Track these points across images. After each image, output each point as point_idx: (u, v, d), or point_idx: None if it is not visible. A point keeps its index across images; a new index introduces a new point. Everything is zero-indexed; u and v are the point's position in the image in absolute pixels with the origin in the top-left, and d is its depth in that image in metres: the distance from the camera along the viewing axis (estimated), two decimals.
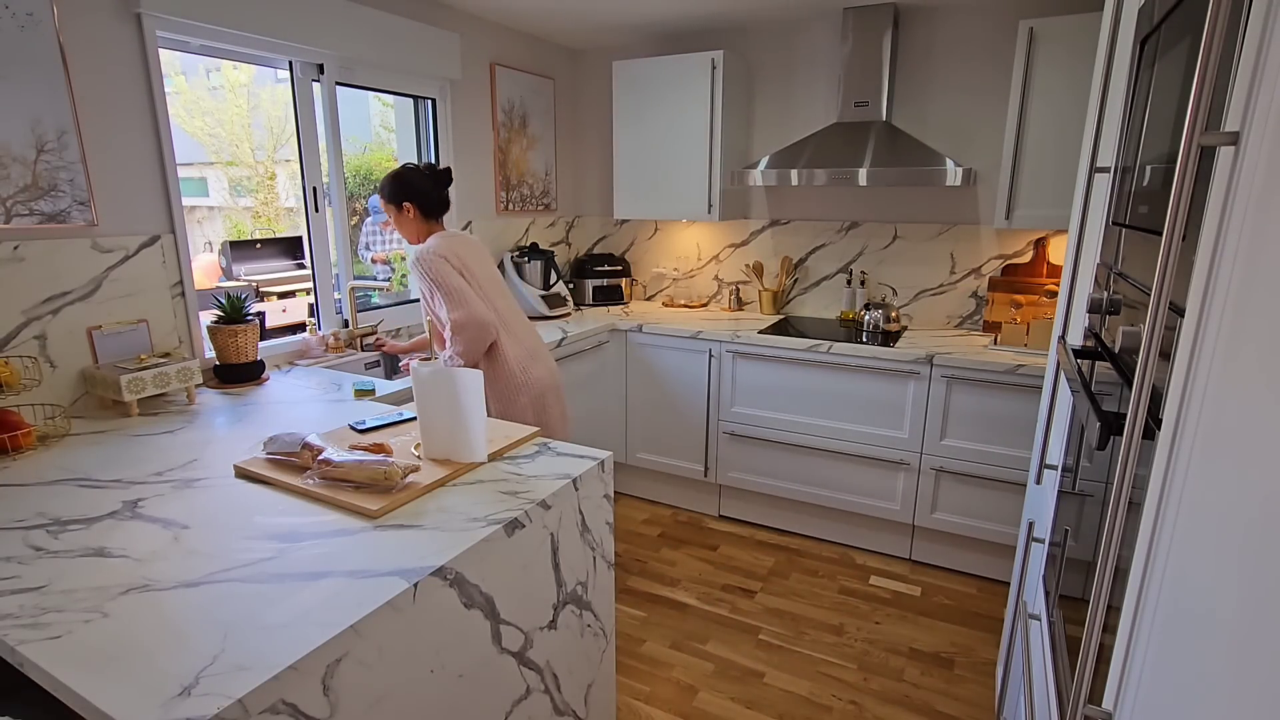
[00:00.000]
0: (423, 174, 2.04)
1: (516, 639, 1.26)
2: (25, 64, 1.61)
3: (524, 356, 2.07)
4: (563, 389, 2.22)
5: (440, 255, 1.94)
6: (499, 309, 2.06)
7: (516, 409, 2.04)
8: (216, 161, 6.54)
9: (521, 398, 2.05)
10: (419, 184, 2.02)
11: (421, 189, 2.02)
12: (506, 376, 2.04)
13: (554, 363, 2.20)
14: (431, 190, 2.04)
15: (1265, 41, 0.58)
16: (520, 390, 2.05)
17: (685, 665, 2.18)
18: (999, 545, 2.62)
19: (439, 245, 1.96)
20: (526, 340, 2.12)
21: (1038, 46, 2.40)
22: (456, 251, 1.98)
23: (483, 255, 2.11)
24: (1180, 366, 0.69)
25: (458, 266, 1.96)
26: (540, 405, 2.10)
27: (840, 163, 2.73)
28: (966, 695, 2.06)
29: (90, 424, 1.69)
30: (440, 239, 2.00)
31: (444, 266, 1.93)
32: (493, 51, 3.14)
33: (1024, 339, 2.55)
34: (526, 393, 2.06)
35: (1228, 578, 0.54)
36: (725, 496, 3.15)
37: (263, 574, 1.02)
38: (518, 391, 2.05)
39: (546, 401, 2.12)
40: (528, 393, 2.06)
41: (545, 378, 2.12)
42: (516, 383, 2.04)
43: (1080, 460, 1.24)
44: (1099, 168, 1.36)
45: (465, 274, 1.97)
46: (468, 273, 1.98)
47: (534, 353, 2.12)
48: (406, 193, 2.02)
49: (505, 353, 2.03)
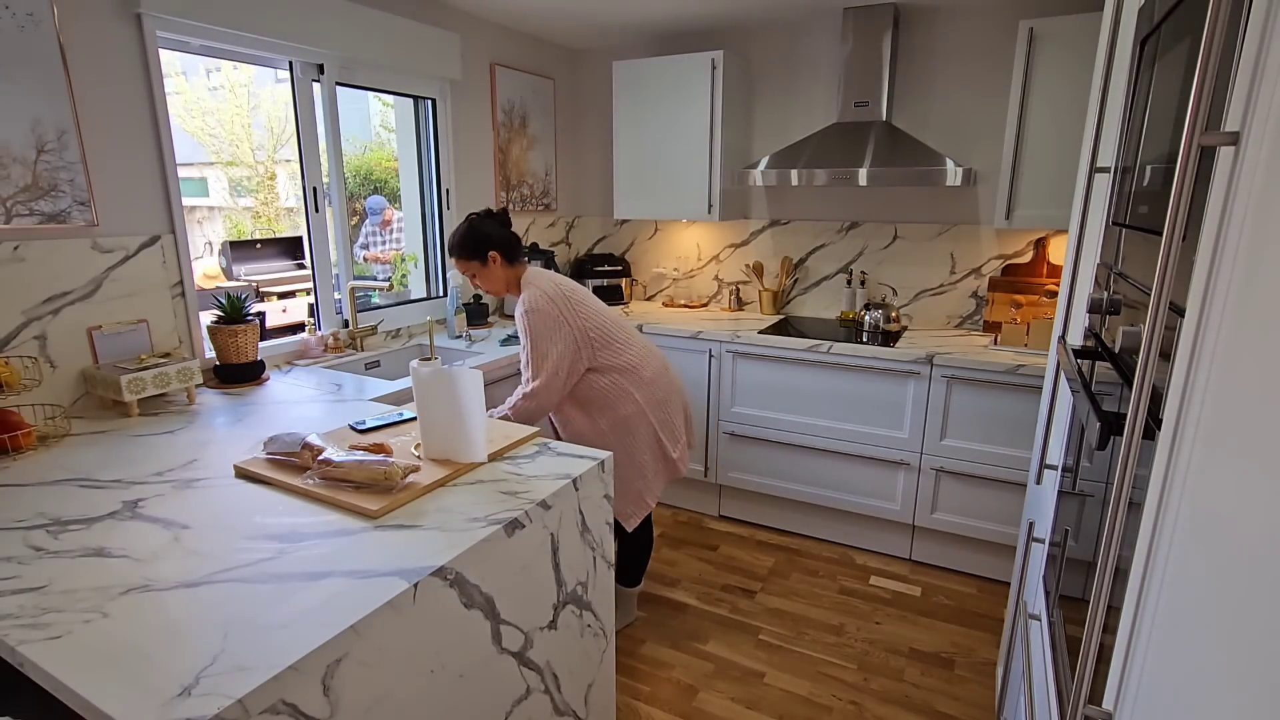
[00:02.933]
0: (495, 220, 2.03)
1: (516, 639, 1.26)
2: (25, 64, 1.61)
3: (654, 403, 2.06)
4: (686, 392, 2.24)
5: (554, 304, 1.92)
6: (632, 343, 2.05)
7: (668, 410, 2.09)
8: (216, 161, 6.54)
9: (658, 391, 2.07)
10: (495, 232, 2.00)
11: (500, 236, 2.00)
12: (662, 401, 2.07)
13: (671, 374, 2.16)
14: (509, 234, 2.03)
15: (1265, 41, 0.58)
16: (663, 404, 2.08)
17: (685, 665, 2.18)
18: (999, 545, 2.62)
19: (547, 293, 1.93)
20: (646, 372, 2.06)
21: (1038, 47, 2.40)
22: (568, 297, 1.96)
23: (578, 288, 2.06)
24: (1180, 366, 0.69)
25: (577, 323, 1.94)
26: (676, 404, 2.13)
27: (840, 163, 2.73)
28: (966, 695, 2.06)
29: (90, 424, 1.69)
30: (545, 282, 1.96)
31: (561, 327, 1.91)
32: (493, 51, 3.14)
33: (1024, 339, 2.55)
34: (669, 406, 2.09)
35: (1228, 578, 0.54)
36: (725, 496, 3.15)
37: (263, 574, 1.02)
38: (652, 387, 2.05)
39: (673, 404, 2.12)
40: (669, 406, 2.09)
41: (672, 382, 2.14)
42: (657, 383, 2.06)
43: (1080, 460, 1.23)
44: (1099, 168, 1.36)
45: (577, 318, 1.94)
46: (581, 315, 1.96)
47: (659, 369, 2.10)
48: (488, 243, 1.98)
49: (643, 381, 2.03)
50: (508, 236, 2.02)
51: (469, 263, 2.01)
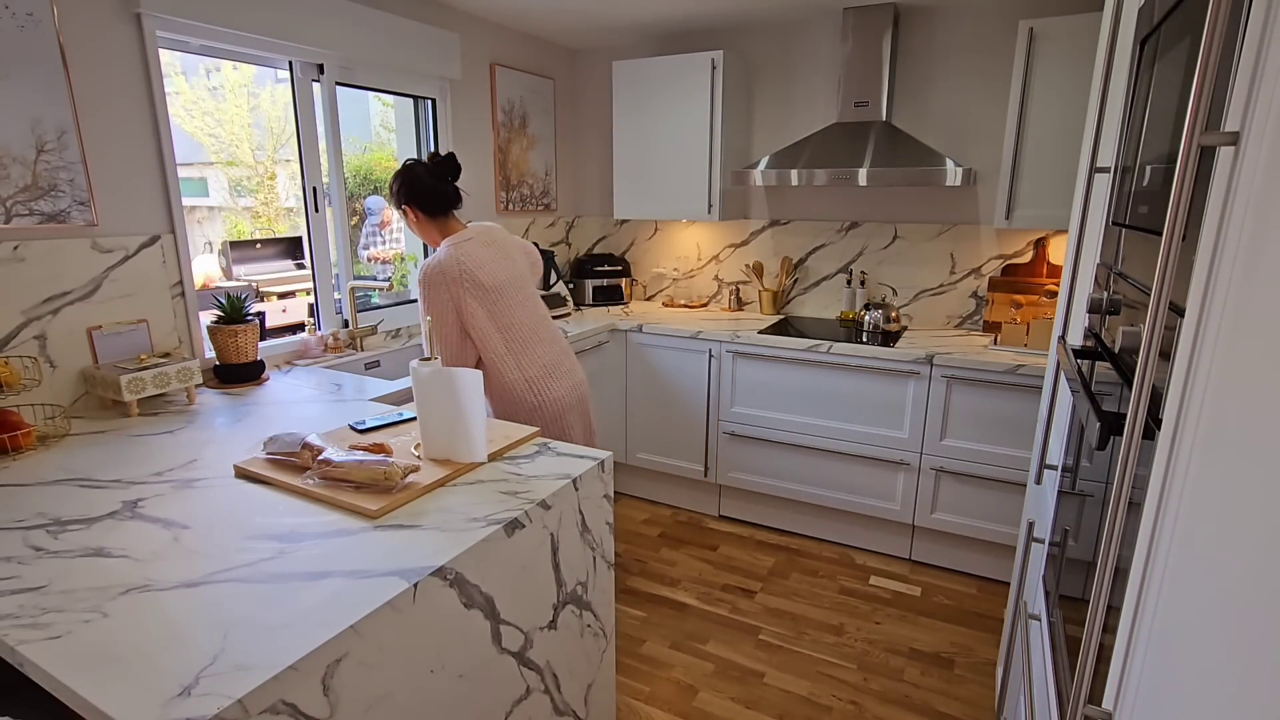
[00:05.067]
0: (424, 166, 1.85)
1: (516, 639, 1.26)
2: (25, 64, 1.61)
3: (539, 377, 1.89)
4: (588, 402, 2.06)
5: (440, 276, 1.76)
6: (516, 321, 1.87)
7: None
8: (216, 161, 6.54)
9: (536, 422, 1.89)
10: (418, 179, 1.84)
11: (420, 185, 1.83)
12: (515, 401, 1.87)
13: (580, 375, 2.02)
14: (432, 184, 1.84)
15: (1265, 41, 0.58)
16: (533, 414, 1.88)
17: (685, 665, 2.18)
18: (999, 545, 2.62)
19: (443, 263, 1.77)
20: (545, 357, 1.92)
21: (1038, 46, 2.40)
22: (463, 267, 1.77)
23: (500, 257, 1.89)
24: (1180, 366, 0.69)
25: (454, 294, 1.77)
26: (559, 427, 1.93)
27: (840, 163, 2.73)
28: (966, 695, 2.06)
29: (90, 424, 1.69)
30: (449, 249, 1.79)
31: (439, 295, 1.76)
32: (493, 51, 3.14)
33: (1024, 339, 2.55)
34: (540, 415, 1.89)
35: (1228, 578, 0.54)
36: (725, 496, 3.15)
37: (263, 574, 1.02)
38: (530, 415, 1.88)
39: (567, 422, 1.95)
40: (541, 415, 1.89)
41: (565, 396, 1.94)
42: (528, 406, 1.87)
43: (1080, 460, 1.23)
44: (1099, 168, 1.36)
45: (465, 296, 1.77)
46: (470, 292, 1.78)
47: (554, 370, 1.93)
48: (405, 192, 1.84)
49: (510, 378, 1.86)
50: (433, 189, 1.84)
51: (398, 210, 1.89)
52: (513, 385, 1.87)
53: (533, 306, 1.96)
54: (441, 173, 1.87)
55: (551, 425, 1.92)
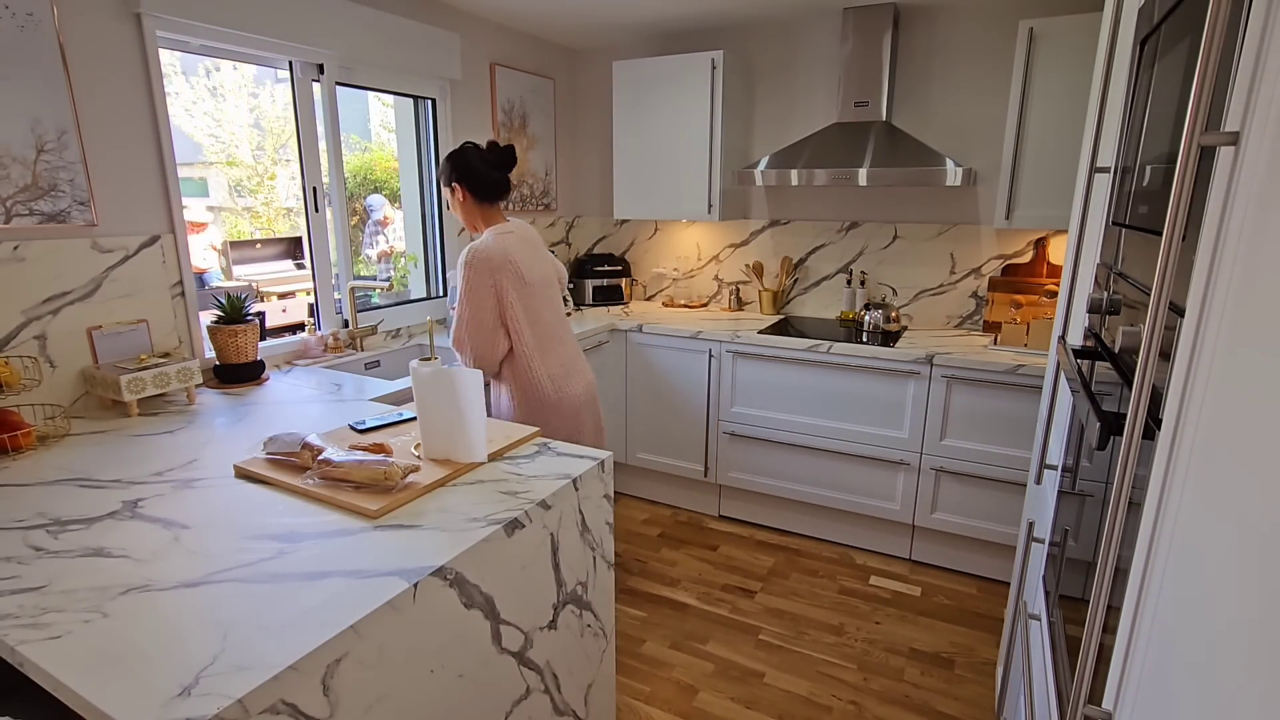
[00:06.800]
0: (480, 152, 1.90)
1: (516, 639, 1.26)
2: (25, 64, 1.61)
3: (560, 375, 1.96)
4: (598, 401, 2.13)
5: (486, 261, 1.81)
6: (543, 319, 1.94)
7: (549, 430, 1.95)
8: (216, 161, 6.54)
9: (554, 418, 1.95)
10: (473, 162, 1.88)
11: (474, 168, 1.88)
12: (539, 397, 1.93)
13: (591, 375, 2.10)
14: (485, 170, 1.88)
15: (1265, 41, 0.58)
16: (553, 410, 1.95)
17: (685, 665, 2.18)
18: (999, 545, 2.62)
19: (490, 248, 1.83)
20: (564, 355, 2.00)
21: (1038, 47, 2.40)
22: (509, 256, 1.84)
23: (536, 256, 1.96)
24: (1180, 366, 0.69)
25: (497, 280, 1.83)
26: (575, 424, 2.00)
27: (840, 163, 2.73)
28: (966, 695, 2.06)
29: (90, 424, 1.69)
30: (495, 237, 1.86)
31: (483, 278, 1.82)
32: (493, 51, 3.14)
33: (1024, 339, 2.55)
34: (559, 412, 1.96)
35: (1228, 578, 0.54)
36: (725, 496, 3.15)
37: (263, 574, 1.02)
38: (550, 411, 1.95)
39: (581, 418, 2.02)
40: (560, 412, 1.96)
41: (581, 394, 2.02)
42: (550, 402, 1.94)
43: (1080, 460, 1.23)
44: (1099, 168, 1.36)
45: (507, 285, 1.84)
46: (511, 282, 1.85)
47: (571, 368, 2.01)
48: (459, 171, 1.88)
49: (537, 373, 1.92)
50: (486, 175, 1.89)
51: (445, 188, 1.94)
52: (538, 379, 1.94)
53: (557, 307, 2.05)
54: (499, 161, 1.92)
55: (568, 421, 1.99)
